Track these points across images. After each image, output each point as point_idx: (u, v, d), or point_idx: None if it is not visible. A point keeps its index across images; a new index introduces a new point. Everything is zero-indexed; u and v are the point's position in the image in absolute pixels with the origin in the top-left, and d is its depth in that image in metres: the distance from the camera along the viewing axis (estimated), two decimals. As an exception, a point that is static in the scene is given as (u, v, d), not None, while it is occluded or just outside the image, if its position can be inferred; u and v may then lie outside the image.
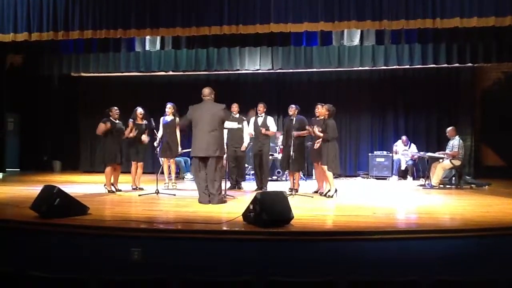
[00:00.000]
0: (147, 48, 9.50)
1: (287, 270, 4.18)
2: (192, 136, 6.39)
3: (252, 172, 8.79)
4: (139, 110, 8.01)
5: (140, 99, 9.77)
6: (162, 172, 8.53)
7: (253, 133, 7.98)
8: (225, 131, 7.29)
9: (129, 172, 8.11)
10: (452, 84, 10.70)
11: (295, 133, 7.30)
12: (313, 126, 7.20)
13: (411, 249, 4.52)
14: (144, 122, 7.94)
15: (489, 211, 5.87)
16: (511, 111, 9.92)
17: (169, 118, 8.15)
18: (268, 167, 8.19)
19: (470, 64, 9.41)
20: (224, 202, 6.36)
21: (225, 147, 7.00)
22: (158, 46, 9.41)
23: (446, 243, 4.62)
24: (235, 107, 8.12)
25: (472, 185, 8.66)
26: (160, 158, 8.69)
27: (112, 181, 7.55)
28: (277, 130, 8.11)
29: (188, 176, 9.93)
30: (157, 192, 7.12)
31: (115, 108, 7.55)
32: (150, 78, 11.19)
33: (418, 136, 10.76)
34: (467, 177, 8.97)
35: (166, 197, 7.06)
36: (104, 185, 7.52)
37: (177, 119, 8.10)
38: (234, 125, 7.46)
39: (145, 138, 7.87)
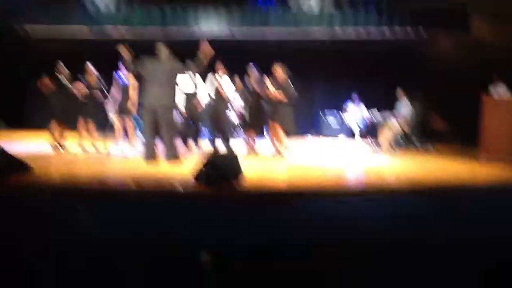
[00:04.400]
0: (98, 4, 9.00)
1: (238, 233, 4.19)
2: (143, 89, 6.20)
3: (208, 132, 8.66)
4: (90, 66, 7.64)
5: (91, 57, 9.30)
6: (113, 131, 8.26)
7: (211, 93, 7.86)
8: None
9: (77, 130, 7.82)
10: (403, 51, 10.86)
11: (254, 85, 7.36)
12: (270, 86, 7.19)
13: (360, 209, 4.63)
14: (95, 79, 7.60)
15: (433, 172, 6.09)
16: (458, 78, 10.23)
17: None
18: (228, 126, 8.10)
19: (422, 32, 9.56)
20: (178, 158, 6.23)
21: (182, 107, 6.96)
22: (110, 2, 8.94)
23: (393, 203, 4.76)
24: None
25: (419, 147, 8.95)
26: (110, 117, 8.39)
27: (58, 138, 7.27)
28: (235, 90, 7.98)
29: (140, 135, 9.69)
30: (108, 153, 6.92)
31: (61, 64, 7.19)
32: (102, 36, 10.63)
33: (370, 100, 10.92)
34: (414, 139, 9.24)
35: (117, 157, 6.89)
36: (50, 142, 7.23)
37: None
38: (189, 88, 7.30)
39: (98, 95, 7.53)
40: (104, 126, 8.63)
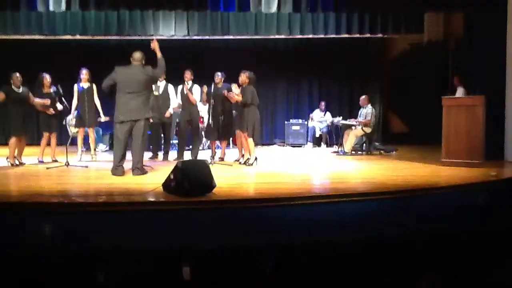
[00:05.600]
0: (50, 8, 8.70)
1: (211, 240, 4.14)
2: (117, 100, 5.93)
3: (176, 141, 8.57)
4: (46, 77, 7.38)
5: (45, 65, 8.98)
6: (74, 144, 8.01)
7: (180, 102, 7.78)
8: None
9: (36, 145, 7.55)
10: (363, 54, 11.13)
11: (225, 92, 7.26)
12: (235, 93, 7.19)
13: (329, 212, 4.68)
14: (52, 89, 7.35)
15: (398, 175, 6.23)
16: (415, 81, 10.57)
17: (85, 85, 7.65)
18: (198, 136, 8.03)
19: (380, 35, 9.79)
20: (145, 173, 6.08)
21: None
22: (63, 7, 8.66)
23: (359, 206, 4.84)
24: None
25: (381, 151, 9.16)
26: (69, 128, 8.16)
27: (15, 154, 6.97)
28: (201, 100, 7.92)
29: (101, 147, 9.47)
30: (67, 164, 6.70)
31: (17, 74, 6.86)
32: (56, 42, 10.30)
33: (331, 104, 11.13)
34: (376, 144, 9.47)
35: (78, 169, 6.67)
36: (7, 158, 6.93)
37: (94, 85, 7.66)
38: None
39: (58, 107, 7.32)
40: (65, 138, 8.35)
